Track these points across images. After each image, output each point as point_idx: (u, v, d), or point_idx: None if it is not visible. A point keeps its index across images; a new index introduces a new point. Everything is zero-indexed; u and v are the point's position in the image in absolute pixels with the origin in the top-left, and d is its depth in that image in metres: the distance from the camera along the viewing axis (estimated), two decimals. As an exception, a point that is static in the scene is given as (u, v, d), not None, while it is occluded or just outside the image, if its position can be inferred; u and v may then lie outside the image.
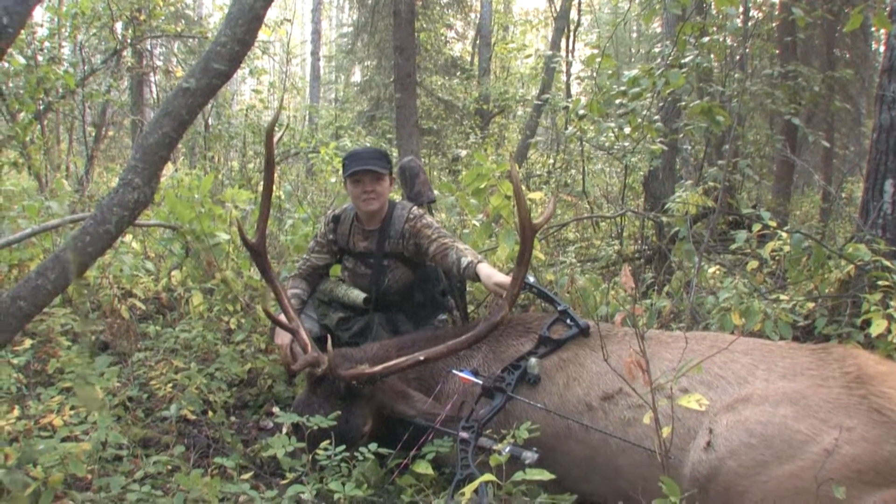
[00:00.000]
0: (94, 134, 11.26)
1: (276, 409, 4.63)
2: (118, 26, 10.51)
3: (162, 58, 15.77)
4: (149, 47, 12.60)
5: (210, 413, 4.52)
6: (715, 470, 2.97)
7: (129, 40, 10.58)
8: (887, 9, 5.27)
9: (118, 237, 3.54)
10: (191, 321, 5.38)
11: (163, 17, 11.02)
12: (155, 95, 13.83)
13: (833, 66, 11.26)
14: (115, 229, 3.29)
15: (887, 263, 4.56)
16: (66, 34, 9.99)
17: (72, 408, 3.70)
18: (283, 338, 4.56)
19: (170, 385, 4.55)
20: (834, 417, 2.87)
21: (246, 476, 3.51)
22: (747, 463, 2.91)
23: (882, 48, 6.46)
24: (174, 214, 5.62)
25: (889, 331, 4.19)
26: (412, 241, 4.85)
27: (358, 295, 4.89)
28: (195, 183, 5.72)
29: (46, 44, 9.48)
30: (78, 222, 5.12)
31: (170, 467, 3.65)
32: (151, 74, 13.61)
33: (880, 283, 4.46)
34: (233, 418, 4.72)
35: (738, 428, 3.00)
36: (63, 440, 3.23)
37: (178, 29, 11.56)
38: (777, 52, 11.49)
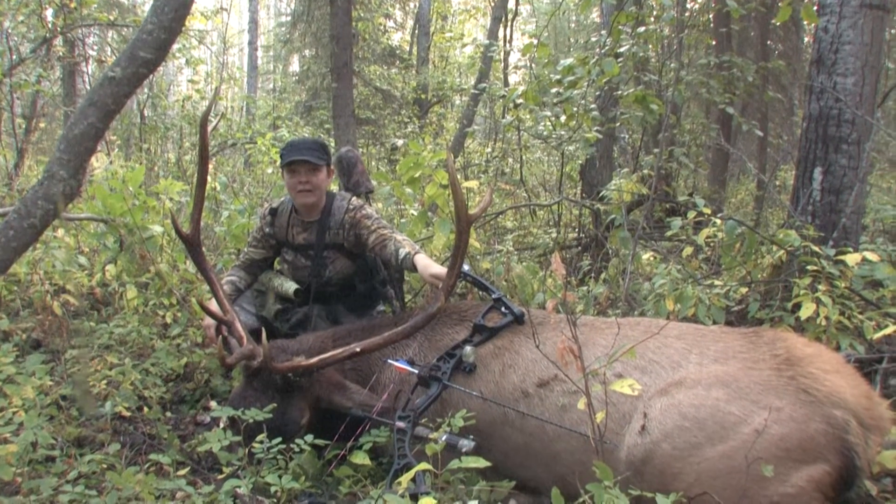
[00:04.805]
0: (23, 126, 10.98)
1: (212, 404, 4.59)
2: (48, 14, 10.24)
3: (95, 47, 15.39)
4: (80, 36, 12.28)
5: (146, 409, 4.45)
6: (650, 453, 3.02)
7: (59, 29, 10.30)
8: (815, 4, 5.37)
9: (44, 231, 3.46)
10: (126, 316, 5.28)
11: (95, 5, 10.74)
12: (88, 86, 13.50)
13: (767, 58, 11.43)
14: (40, 223, 3.23)
15: (816, 249, 4.65)
16: (-8, 22, 9.71)
17: (-1, 409, 3.61)
18: (209, 319, 4.50)
19: (104, 382, 4.47)
20: (764, 399, 2.94)
21: (182, 472, 3.46)
22: (681, 445, 2.95)
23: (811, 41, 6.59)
24: (106, 207, 5.50)
25: (817, 314, 4.29)
26: (352, 231, 4.81)
27: (290, 287, 4.84)
28: (129, 175, 5.61)
29: (-30, 32, 9.21)
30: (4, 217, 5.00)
31: (104, 466, 3.58)
32: (84, 64, 13.26)
33: (809, 267, 4.55)
34: (169, 414, 4.66)
35: (671, 411, 3.05)
36: (-12, 443, 3.16)
37: (111, 17, 11.28)
38: (712, 42, 11.65)
